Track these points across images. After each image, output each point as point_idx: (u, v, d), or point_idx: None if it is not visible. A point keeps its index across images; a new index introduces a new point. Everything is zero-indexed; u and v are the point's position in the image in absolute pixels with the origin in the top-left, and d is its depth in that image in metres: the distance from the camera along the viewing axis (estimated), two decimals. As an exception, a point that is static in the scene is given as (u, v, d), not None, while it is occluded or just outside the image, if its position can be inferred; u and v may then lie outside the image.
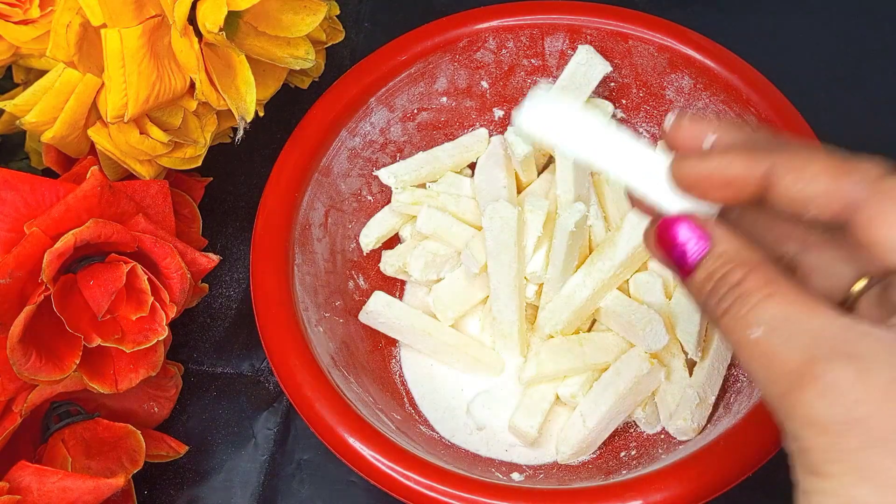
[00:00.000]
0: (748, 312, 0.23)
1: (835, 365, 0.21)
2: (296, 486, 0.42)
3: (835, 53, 0.54)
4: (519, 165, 0.44)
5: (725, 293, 0.24)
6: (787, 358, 0.22)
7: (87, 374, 0.37)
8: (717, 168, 0.25)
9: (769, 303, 0.23)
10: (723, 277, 0.24)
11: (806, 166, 0.24)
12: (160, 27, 0.36)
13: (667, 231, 0.26)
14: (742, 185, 0.25)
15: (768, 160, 0.24)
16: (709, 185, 0.25)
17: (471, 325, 0.45)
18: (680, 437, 0.40)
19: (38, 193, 0.36)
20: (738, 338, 0.23)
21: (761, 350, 0.23)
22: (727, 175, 0.25)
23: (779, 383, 0.22)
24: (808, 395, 0.21)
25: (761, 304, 0.23)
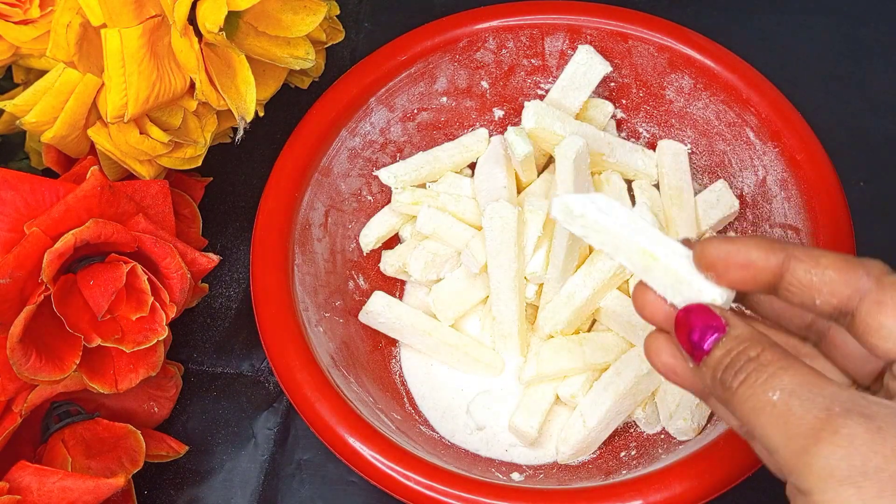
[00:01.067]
0: (767, 379, 0.25)
1: (851, 420, 0.23)
2: (296, 486, 0.42)
3: (835, 53, 0.54)
4: (519, 165, 0.44)
5: (743, 365, 0.26)
6: (806, 415, 0.24)
7: (87, 374, 0.37)
8: (740, 250, 0.27)
9: (787, 372, 0.25)
10: (741, 353, 0.26)
11: (818, 258, 0.27)
12: (160, 27, 0.36)
13: (687, 316, 0.27)
14: (760, 268, 0.27)
15: (785, 250, 0.27)
16: (730, 265, 0.27)
17: (471, 325, 0.45)
18: (680, 437, 0.40)
19: (38, 193, 0.36)
20: (755, 403, 0.25)
21: (780, 411, 0.24)
22: (748, 258, 0.27)
23: (796, 440, 0.23)
24: (827, 447, 0.23)
25: (779, 373, 0.25)
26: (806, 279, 0.27)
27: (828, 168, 0.41)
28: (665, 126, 0.47)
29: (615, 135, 0.48)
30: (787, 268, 0.27)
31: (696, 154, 0.47)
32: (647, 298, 0.29)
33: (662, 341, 0.29)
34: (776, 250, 0.27)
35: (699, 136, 0.47)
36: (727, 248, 0.27)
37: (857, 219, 0.40)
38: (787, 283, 0.27)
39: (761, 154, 0.44)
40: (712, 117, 0.46)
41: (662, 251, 0.28)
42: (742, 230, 0.45)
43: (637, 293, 0.29)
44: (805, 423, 0.24)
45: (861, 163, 0.50)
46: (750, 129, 0.44)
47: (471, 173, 0.48)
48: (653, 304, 0.29)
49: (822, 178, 0.41)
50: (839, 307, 0.26)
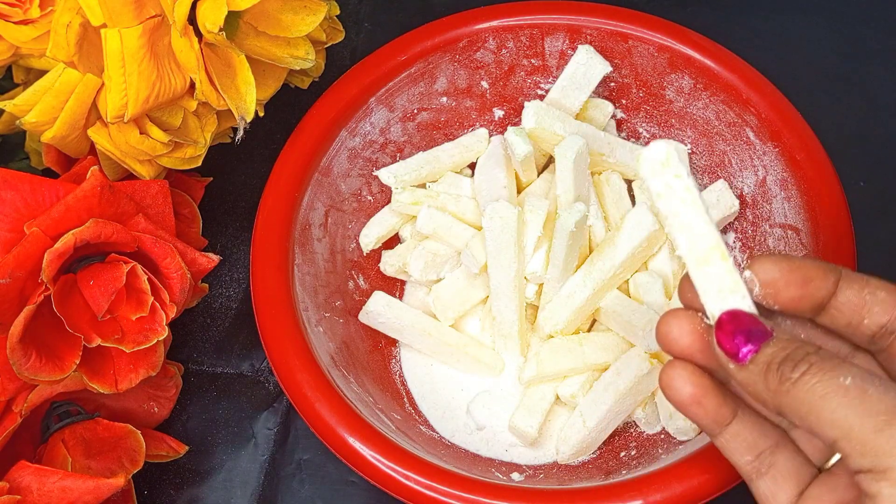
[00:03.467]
0: (834, 367, 0.25)
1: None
2: (296, 486, 0.42)
3: (835, 53, 0.54)
4: (519, 165, 0.44)
5: (805, 356, 0.26)
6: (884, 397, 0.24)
7: (87, 374, 0.37)
8: (800, 267, 0.28)
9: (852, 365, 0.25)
10: (799, 347, 0.26)
11: (868, 280, 0.28)
12: (160, 27, 0.36)
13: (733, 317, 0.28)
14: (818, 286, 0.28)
15: (837, 271, 0.28)
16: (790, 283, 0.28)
17: (471, 325, 0.45)
18: (680, 437, 0.40)
19: (38, 193, 0.36)
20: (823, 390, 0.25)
21: (854, 392, 0.24)
22: (807, 275, 0.28)
23: (875, 418, 0.24)
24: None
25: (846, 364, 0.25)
26: (858, 298, 0.28)
27: (828, 168, 0.41)
28: (665, 126, 0.47)
29: (615, 135, 0.48)
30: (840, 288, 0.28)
31: (696, 154, 0.47)
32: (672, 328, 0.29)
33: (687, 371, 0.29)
34: (831, 270, 0.28)
35: (699, 136, 0.47)
36: (788, 264, 0.28)
37: (857, 219, 0.40)
38: (838, 302, 0.28)
39: (761, 154, 0.44)
40: (712, 117, 0.46)
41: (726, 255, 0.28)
42: (742, 230, 0.45)
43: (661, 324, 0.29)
44: (884, 402, 0.24)
45: (861, 163, 0.50)
46: (750, 129, 0.44)
47: (471, 173, 0.48)
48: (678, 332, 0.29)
49: (822, 178, 0.41)
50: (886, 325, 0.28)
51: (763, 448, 0.29)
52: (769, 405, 0.27)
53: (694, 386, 0.29)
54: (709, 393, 0.29)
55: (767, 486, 0.29)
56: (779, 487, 0.29)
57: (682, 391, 0.29)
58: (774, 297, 0.28)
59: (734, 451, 0.30)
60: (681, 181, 0.28)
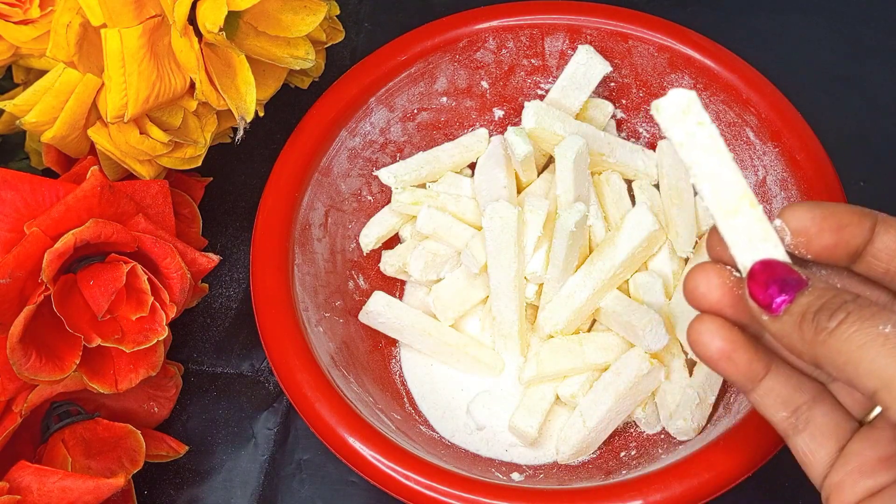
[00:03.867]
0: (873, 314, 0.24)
1: None
2: (296, 486, 0.42)
3: (835, 53, 0.54)
4: (519, 165, 0.44)
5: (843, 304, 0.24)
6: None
7: (87, 374, 0.37)
8: (833, 212, 0.27)
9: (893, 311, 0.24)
10: (836, 296, 0.25)
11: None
12: (160, 27, 0.36)
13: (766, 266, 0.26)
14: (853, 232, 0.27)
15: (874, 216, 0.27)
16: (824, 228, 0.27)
17: (471, 325, 0.45)
18: (680, 437, 0.40)
19: (38, 193, 0.36)
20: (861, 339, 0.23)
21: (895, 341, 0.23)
22: (841, 221, 0.27)
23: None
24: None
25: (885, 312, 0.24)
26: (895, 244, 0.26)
27: (828, 168, 0.41)
28: (665, 126, 0.47)
29: (615, 135, 0.48)
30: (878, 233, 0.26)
31: (696, 154, 0.47)
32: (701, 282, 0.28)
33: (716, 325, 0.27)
34: (867, 215, 0.27)
35: (699, 136, 0.46)
36: (820, 211, 0.27)
37: (857, 219, 0.40)
38: (876, 249, 0.27)
39: (761, 154, 0.44)
40: (712, 117, 0.46)
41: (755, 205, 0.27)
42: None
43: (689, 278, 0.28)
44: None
45: (861, 163, 0.50)
46: (750, 129, 0.44)
47: (471, 173, 0.48)
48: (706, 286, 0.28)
49: (822, 178, 0.41)
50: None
51: (799, 403, 0.28)
52: (805, 357, 0.25)
53: (724, 340, 0.27)
54: (739, 347, 0.27)
55: (805, 442, 0.28)
56: (818, 444, 0.27)
57: (710, 346, 0.28)
58: (807, 246, 0.27)
59: (769, 408, 0.28)
60: (704, 128, 0.27)
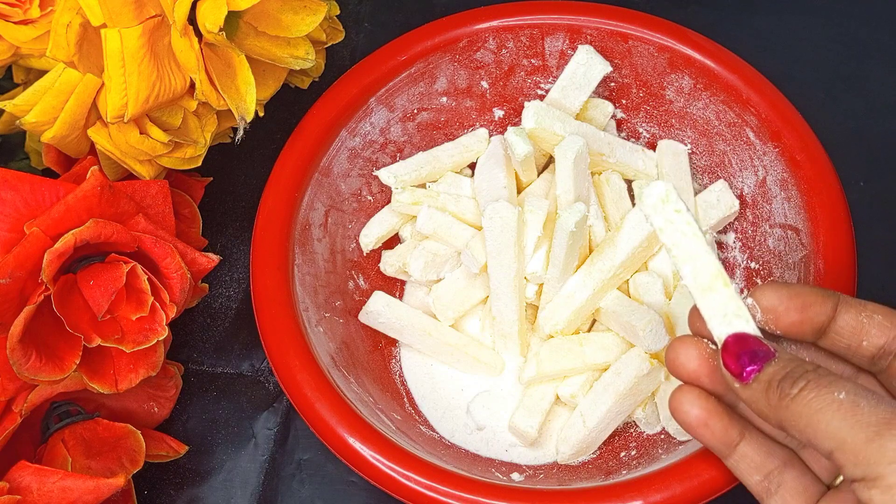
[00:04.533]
0: (831, 382, 0.26)
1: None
2: (296, 486, 0.42)
3: (835, 53, 0.54)
4: (519, 165, 0.44)
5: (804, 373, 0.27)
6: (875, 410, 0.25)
7: (87, 374, 0.37)
8: (798, 293, 0.30)
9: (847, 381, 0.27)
10: (799, 365, 0.28)
11: (864, 305, 0.30)
12: (160, 27, 0.36)
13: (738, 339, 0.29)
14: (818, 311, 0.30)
15: (836, 296, 0.30)
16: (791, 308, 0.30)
17: (471, 325, 0.45)
18: (680, 437, 0.40)
19: (38, 193, 0.36)
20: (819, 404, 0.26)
21: (847, 406, 0.26)
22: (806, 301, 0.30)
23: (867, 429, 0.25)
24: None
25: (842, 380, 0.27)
26: (857, 321, 0.29)
27: (828, 168, 0.41)
28: (665, 126, 0.47)
29: (615, 135, 0.48)
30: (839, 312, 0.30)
31: (696, 154, 0.47)
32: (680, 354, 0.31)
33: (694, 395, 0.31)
34: (830, 296, 0.30)
35: (699, 136, 0.47)
36: (787, 291, 0.30)
37: (857, 219, 0.40)
38: (838, 326, 0.30)
39: (761, 154, 0.44)
40: (712, 117, 0.46)
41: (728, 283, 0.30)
42: (742, 230, 0.45)
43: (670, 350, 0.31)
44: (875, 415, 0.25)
45: (861, 163, 0.50)
46: (750, 129, 0.44)
47: (471, 173, 0.48)
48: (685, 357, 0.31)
49: (822, 178, 0.41)
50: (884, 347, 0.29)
51: (771, 468, 0.31)
52: (772, 421, 0.28)
53: (701, 409, 0.31)
54: (715, 415, 0.31)
55: None
56: None
57: (689, 414, 0.31)
58: (776, 322, 0.30)
59: (743, 472, 0.31)
60: (681, 215, 0.30)
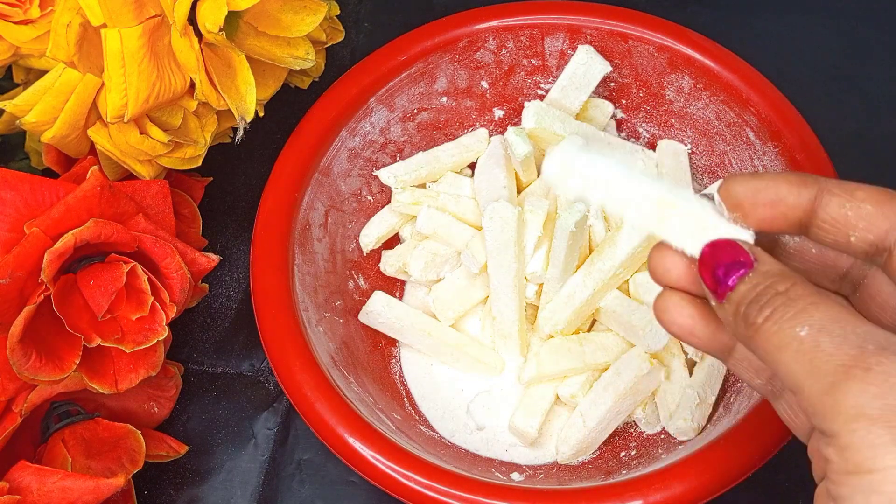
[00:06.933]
0: (795, 314, 0.23)
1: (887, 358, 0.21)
2: (296, 486, 0.42)
3: (835, 53, 0.54)
4: (519, 165, 0.44)
5: (770, 299, 0.24)
6: (836, 352, 0.22)
7: (87, 374, 0.37)
8: (769, 186, 0.25)
9: (818, 308, 0.23)
10: (768, 286, 0.24)
11: (854, 192, 0.25)
12: (160, 27, 0.36)
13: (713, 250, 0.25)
14: (791, 204, 0.25)
15: (817, 183, 0.25)
16: (758, 203, 0.25)
17: (471, 325, 0.45)
18: (680, 437, 0.40)
19: (38, 193, 0.36)
20: (780, 339, 0.23)
21: (807, 346, 0.22)
22: (777, 194, 0.25)
23: (824, 379, 0.22)
24: (858, 385, 0.21)
25: (809, 308, 0.23)
26: (840, 214, 0.25)
27: (828, 168, 0.41)
28: (665, 126, 0.48)
29: (615, 135, 0.48)
30: (820, 203, 0.25)
31: (696, 154, 0.47)
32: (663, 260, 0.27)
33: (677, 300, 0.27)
34: (808, 184, 0.25)
35: (699, 136, 0.47)
36: (755, 185, 0.26)
37: (857, 219, 0.40)
38: (819, 220, 0.25)
39: (761, 154, 0.44)
40: (712, 117, 0.46)
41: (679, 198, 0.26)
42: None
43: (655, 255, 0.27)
44: (835, 359, 0.22)
45: (861, 163, 0.50)
46: (750, 129, 0.44)
47: (471, 173, 0.48)
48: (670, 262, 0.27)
49: (822, 178, 0.41)
50: (876, 243, 0.24)
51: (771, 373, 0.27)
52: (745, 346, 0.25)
53: (685, 316, 0.27)
54: (700, 322, 0.27)
55: (783, 409, 0.27)
56: (794, 413, 0.27)
57: (674, 323, 0.27)
58: (745, 220, 0.26)
59: (745, 376, 0.28)
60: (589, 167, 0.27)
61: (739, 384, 0.40)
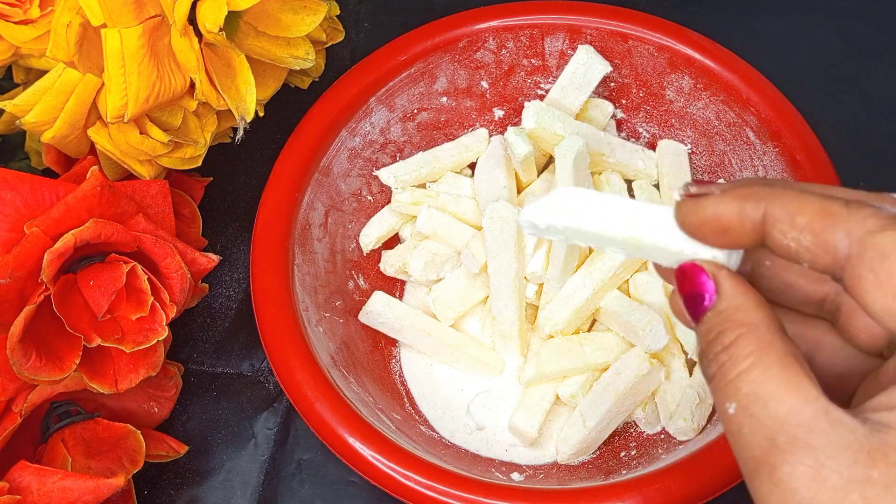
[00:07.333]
0: (727, 384, 0.22)
1: (793, 457, 0.21)
2: (296, 486, 0.42)
3: (835, 53, 0.54)
4: (519, 165, 0.44)
5: (718, 353, 0.23)
6: (752, 442, 0.21)
7: (87, 374, 0.37)
8: (713, 213, 0.24)
9: (748, 376, 0.22)
10: (717, 336, 0.23)
11: (795, 217, 0.22)
12: (160, 27, 0.36)
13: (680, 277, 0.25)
14: (738, 231, 0.24)
15: (761, 207, 0.23)
16: (708, 231, 0.24)
17: (471, 325, 0.45)
18: (680, 437, 0.40)
19: (38, 193, 0.36)
20: (719, 407, 0.23)
21: (734, 428, 0.22)
22: (722, 221, 0.24)
23: (746, 465, 0.22)
24: (765, 485, 0.21)
25: (741, 377, 0.22)
26: (783, 245, 0.23)
27: (828, 168, 0.41)
28: (665, 126, 0.48)
29: (615, 135, 0.48)
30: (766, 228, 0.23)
31: (696, 154, 0.47)
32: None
33: None
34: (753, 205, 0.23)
35: (699, 136, 0.47)
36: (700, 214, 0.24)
37: (857, 219, 0.40)
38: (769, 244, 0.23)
39: (761, 154, 0.44)
40: (712, 117, 0.46)
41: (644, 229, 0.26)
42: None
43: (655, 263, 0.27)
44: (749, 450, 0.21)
45: (861, 163, 0.50)
46: (750, 129, 0.44)
47: (471, 173, 0.48)
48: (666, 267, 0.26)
49: (822, 178, 0.41)
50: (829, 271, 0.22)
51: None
52: None
53: None
54: None
55: None
56: None
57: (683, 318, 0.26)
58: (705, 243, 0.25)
59: None
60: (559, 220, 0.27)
61: (739, 384, 0.40)
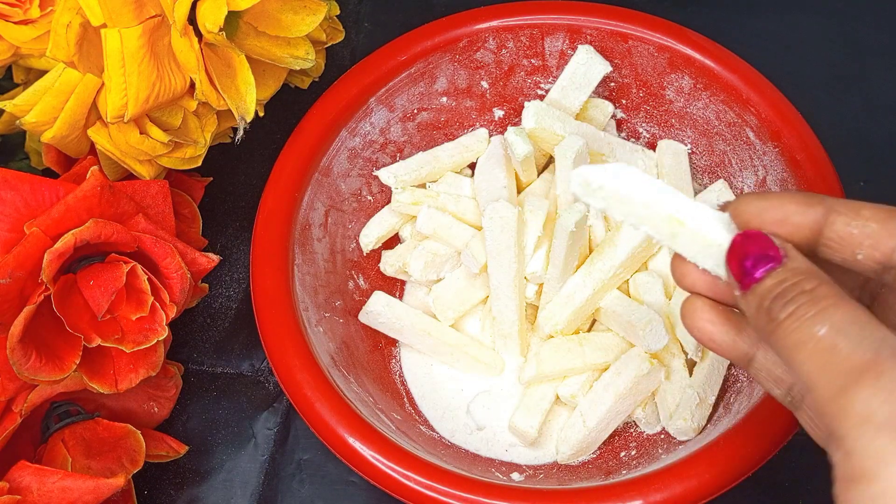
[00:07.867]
0: (816, 314, 0.23)
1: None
2: (296, 486, 0.42)
3: (835, 53, 0.54)
4: (519, 165, 0.44)
5: (795, 296, 0.24)
6: (852, 354, 0.22)
7: (87, 374, 0.37)
8: (775, 206, 0.26)
9: (839, 309, 0.23)
10: (795, 284, 0.24)
11: (859, 210, 0.25)
12: (160, 27, 0.36)
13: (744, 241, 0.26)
14: (797, 224, 0.26)
15: (823, 203, 0.26)
16: (765, 222, 0.26)
17: (471, 325, 0.45)
18: (680, 437, 0.40)
19: (38, 193, 0.36)
20: (799, 336, 0.23)
21: (824, 346, 0.22)
22: (783, 213, 0.26)
23: (836, 380, 0.22)
24: (868, 389, 0.21)
25: (830, 309, 0.23)
26: (846, 232, 0.25)
27: (828, 168, 0.41)
28: (665, 126, 0.48)
29: (615, 135, 0.48)
30: (826, 222, 0.25)
31: (696, 154, 0.47)
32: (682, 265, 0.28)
33: (699, 304, 0.28)
34: (814, 204, 0.26)
35: (699, 136, 0.47)
36: (761, 205, 0.26)
37: (857, 219, 0.40)
38: (826, 238, 0.26)
39: (761, 154, 0.44)
40: (712, 117, 0.46)
41: (689, 215, 0.27)
42: (742, 230, 0.45)
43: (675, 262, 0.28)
44: (849, 361, 0.22)
45: (861, 163, 0.50)
46: (750, 129, 0.44)
47: (471, 173, 0.48)
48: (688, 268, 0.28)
49: (822, 178, 0.41)
50: (882, 262, 0.25)
51: (791, 382, 0.27)
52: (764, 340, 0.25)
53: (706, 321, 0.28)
54: (719, 328, 0.28)
55: (805, 419, 0.27)
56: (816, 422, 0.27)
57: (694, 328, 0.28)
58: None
59: (764, 384, 0.28)
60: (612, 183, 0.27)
61: (739, 384, 0.40)
